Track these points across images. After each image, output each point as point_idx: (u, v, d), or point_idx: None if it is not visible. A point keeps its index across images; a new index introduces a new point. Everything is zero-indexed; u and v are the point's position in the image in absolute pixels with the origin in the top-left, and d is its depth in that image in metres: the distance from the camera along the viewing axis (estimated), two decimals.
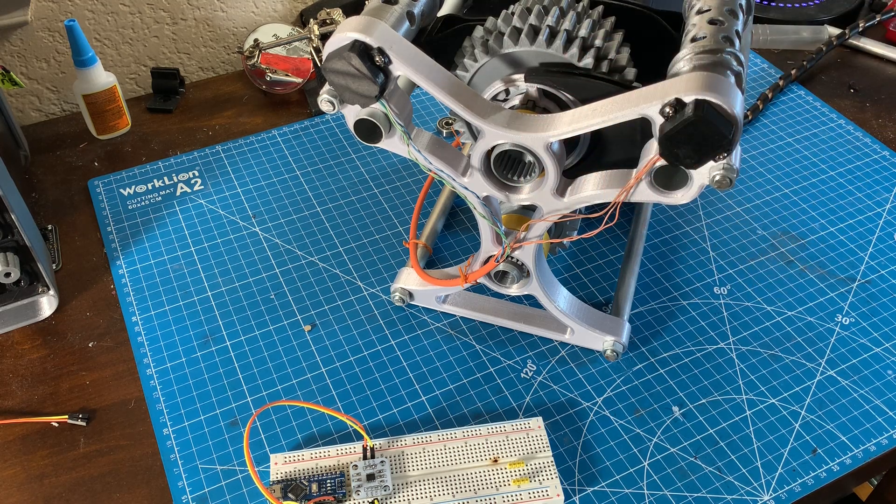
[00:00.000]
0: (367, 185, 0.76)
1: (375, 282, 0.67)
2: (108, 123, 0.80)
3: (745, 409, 0.58)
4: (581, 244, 0.70)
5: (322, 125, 0.83)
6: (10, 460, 0.56)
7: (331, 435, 0.57)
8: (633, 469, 0.55)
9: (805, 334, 0.63)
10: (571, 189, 0.50)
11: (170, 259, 0.69)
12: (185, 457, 0.55)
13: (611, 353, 0.60)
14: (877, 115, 0.84)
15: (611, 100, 0.45)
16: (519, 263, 0.57)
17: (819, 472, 0.55)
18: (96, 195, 0.75)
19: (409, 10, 0.49)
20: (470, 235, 0.71)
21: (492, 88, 0.57)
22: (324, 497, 0.51)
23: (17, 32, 0.83)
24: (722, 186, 0.43)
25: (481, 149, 0.49)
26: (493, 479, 0.52)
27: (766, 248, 0.70)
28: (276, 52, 0.86)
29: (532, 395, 0.59)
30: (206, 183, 0.76)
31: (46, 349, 0.63)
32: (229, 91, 0.89)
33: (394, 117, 0.48)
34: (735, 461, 0.55)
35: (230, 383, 0.60)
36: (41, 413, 0.58)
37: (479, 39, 0.56)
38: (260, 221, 0.73)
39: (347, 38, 0.45)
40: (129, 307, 0.65)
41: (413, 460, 0.53)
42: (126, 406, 0.59)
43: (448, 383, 0.60)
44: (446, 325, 0.64)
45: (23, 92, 0.87)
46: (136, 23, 0.87)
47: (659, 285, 0.67)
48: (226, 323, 0.64)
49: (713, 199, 0.75)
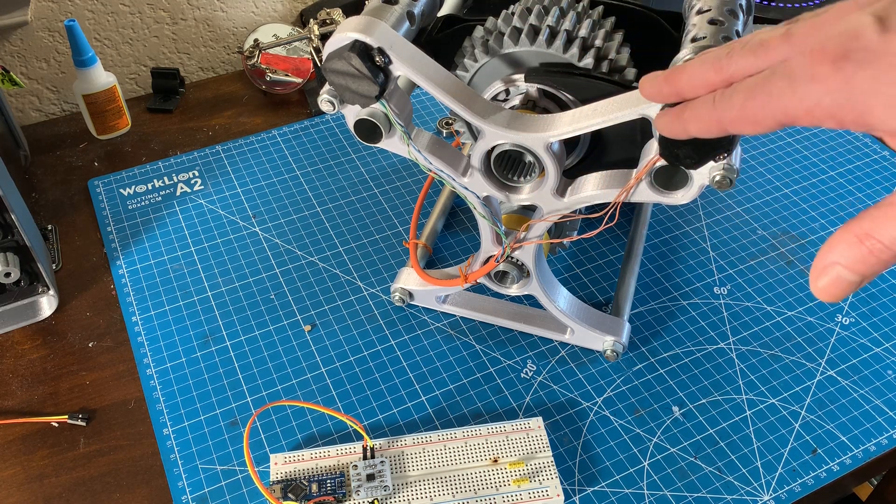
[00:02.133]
0: (367, 185, 0.76)
1: (375, 282, 0.67)
2: (108, 123, 0.80)
3: (745, 409, 0.58)
4: (581, 244, 0.70)
5: (322, 125, 0.83)
6: (10, 460, 0.56)
7: (331, 435, 0.57)
8: (633, 469, 0.55)
9: (805, 334, 0.63)
10: (571, 189, 0.50)
11: (170, 259, 0.69)
12: (185, 457, 0.55)
13: (611, 353, 0.60)
14: None
15: (611, 100, 0.45)
16: (519, 263, 0.57)
17: (819, 472, 0.55)
18: (96, 195, 0.75)
19: (409, 10, 0.49)
20: (470, 235, 0.71)
21: (492, 88, 0.57)
22: (324, 497, 0.51)
23: (17, 32, 0.83)
24: (722, 186, 0.43)
25: (481, 149, 0.49)
26: (493, 479, 0.52)
27: (766, 248, 0.70)
28: (276, 52, 0.86)
29: (532, 395, 0.59)
30: (206, 183, 0.76)
31: (46, 349, 0.63)
32: (229, 91, 0.89)
33: (394, 117, 0.48)
34: (735, 461, 0.55)
35: (230, 383, 0.60)
36: (41, 413, 0.58)
37: (479, 39, 0.56)
38: (260, 221, 0.73)
39: (347, 38, 0.45)
40: (129, 307, 0.65)
41: (413, 460, 0.53)
42: (126, 406, 0.59)
43: (448, 383, 0.60)
44: (446, 325, 0.64)
45: (23, 92, 0.87)
46: (136, 23, 0.87)
47: (659, 285, 0.67)
48: (226, 323, 0.64)
49: (713, 199, 0.75)
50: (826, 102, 0.29)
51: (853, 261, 0.29)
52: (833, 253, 0.29)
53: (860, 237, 0.29)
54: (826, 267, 0.30)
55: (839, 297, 0.31)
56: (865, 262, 0.29)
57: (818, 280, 0.30)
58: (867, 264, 0.29)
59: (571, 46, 0.52)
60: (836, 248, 0.29)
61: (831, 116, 0.29)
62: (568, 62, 0.53)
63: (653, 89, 0.38)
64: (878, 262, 0.29)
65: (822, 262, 0.30)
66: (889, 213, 0.28)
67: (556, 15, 0.54)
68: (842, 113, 0.28)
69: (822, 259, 0.30)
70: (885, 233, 0.28)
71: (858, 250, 0.29)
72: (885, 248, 0.28)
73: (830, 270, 0.30)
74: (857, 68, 0.28)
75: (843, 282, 0.30)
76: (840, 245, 0.29)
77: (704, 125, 0.35)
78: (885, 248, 0.28)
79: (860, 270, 0.29)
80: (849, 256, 0.29)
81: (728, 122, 0.33)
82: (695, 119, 0.35)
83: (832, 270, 0.30)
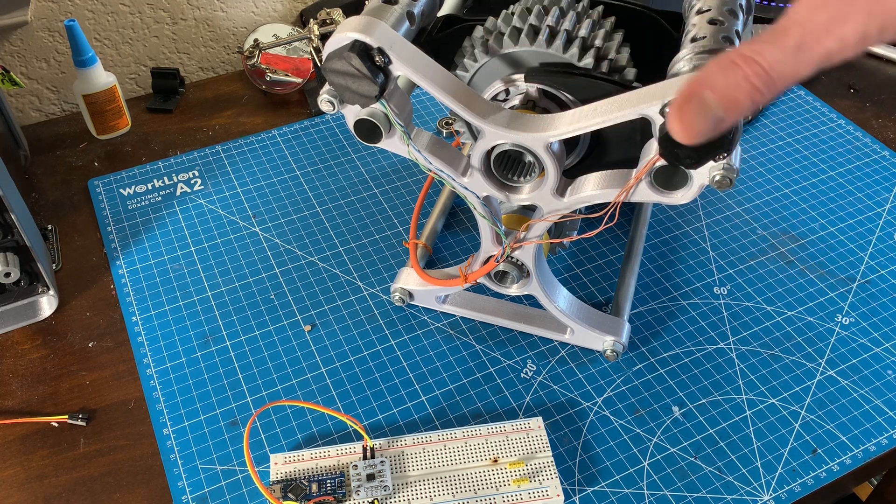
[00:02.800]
0: (367, 185, 0.76)
1: (375, 282, 0.67)
2: (108, 123, 0.80)
3: (745, 409, 0.58)
4: (581, 244, 0.70)
5: (322, 125, 0.83)
6: (10, 460, 0.56)
7: (331, 435, 0.57)
8: (633, 469, 0.55)
9: (805, 334, 0.63)
10: (571, 189, 0.50)
11: (170, 259, 0.69)
12: (185, 457, 0.55)
13: (611, 353, 0.60)
14: (877, 115, 0.84)
15: (611, 100, 0.45)
16: (519, 263, 0.57)
17: (819, 472, 0.55)
18: (96, 195, 0.75)
19: (409, 10, 0.49)
20: (470, 235, 0.71)
21: (492, 88, 0.57)
22: (324, 497, 0.51)
23: (17, 32, 0.83)
24: (722, 186, 0.43)
25: (481, 149, 0.49)
26: (493, 479, 0.52)
27: (766, 248, 0.70)
28: (276, 52, 0.86)
29: (532, 395, 0.59)
30: (206, 183, 0.76)
31: (46, 349, 0.63)
32: (229, 91, 0.89)
33: (394, 117, 0.48)
34: (735, 461, 0.55)
35: (230, 383, 0.60)
36: (41, 413, 0.58)
37: (479, 39, 0.56)
38: (260, 221, 0.73)
39: (347, 38, 0.45)
40: (129, 307, 0.65)
41: (413, 460, 0.53)
42: (126, 406, 0.59)
43: (448, 383, 0.60)
44: (446, 325, 0.64)
45: (23, 92, 0.87)
46: (136, 23, 0.87)
47: (659, 285, 0.67)
48: (226, 323, 0.64)
49: (713, 199, 0.75)
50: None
51: (724, 86, 0.26)
52: (705, 78, 0.26)
53: (737, 61, 0.26)
54: (692, 92, 0.26)
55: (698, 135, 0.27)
56: (739, 88, 0.26)
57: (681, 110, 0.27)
58: (740, 91, 0.26)
59: (571, 46, 0.52)
60: (708, 71, 0.26)
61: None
62: (568, 62, 0.53)
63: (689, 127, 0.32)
64: (750, 91, 0.25)
65: (689, 90, 0.27)
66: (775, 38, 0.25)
67: (556, 15, 0.54)
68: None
69: (690, 86, 0.26)
70: (768, 54, 0.25)
71: (733, 74, 0.26)
72: (763, 72, 0.25)
73: (696, 99, 0.26)
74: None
75: (706, 114, 0.26)
76: (713, 68, 0.26)
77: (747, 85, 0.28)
78: (762, 71, 0.25)
79: (730, 100, 0.26)
80: (721, 82, 0.26)
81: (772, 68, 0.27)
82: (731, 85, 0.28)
83: (698, 99, 0.26)
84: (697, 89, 0.27)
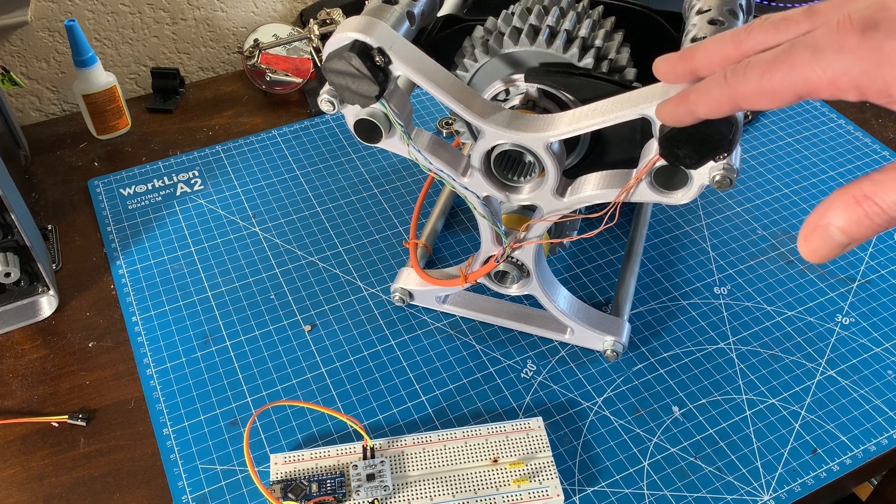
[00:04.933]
0: (367, 185, 0.76)
1: (375, 282, 0.67)
2: (108, 123, 0.80)
3: (745, 409, 0.58)
4: (581, 244, 0.70)
5: (322, 125, 0.83)
6: (10, 460, 0.56)
7: (331, 435, 0.57)
8: (633, 469, 0.55)
9: (805, 334, 0.63)
10: (571, 189, 0.50)
11: (170, 259, 0.69)
12: (185, 457, 0.55)
13: (611, 353, 0.60)
14: (877, 115, 0.84)
15: (611, 100, 0.45)
16: (519, 263, 0.57)
17: (819, 472, 0.55)
18: (96, 195, 0.75)
19: (409, 10, 0.49)
20: (470, 235, 0.71)
21: (492, 88, 0.57)
22: (324, 497, 0.51)
23: (17, 32, 0.83)
24: (722, 186, 0.43)
25: (481, 149, 0.49)
26: (493, 479, 0.52)
27: (766, 248, 0.70)
28: (276, 52, 0.86)
29: (532, 395, 0.59)
30: (206, 183, 0.76)
31: (46, 349, 0.63)
32: (229, 91, 0.89)
33: (394, 117, 0.48)
34: (735, 461, 0.55)
35: (230, 383, 0.60)
36: (41, 413, 0.58)
37: (479, 39, 0.56)
38: (260, 221, 0.73)
39: (347, 38, 0.45)
40: (129, 307, 0.65)
41: (413, 460, 0.53)
42: (126, 406, 0.59)
43: (448, 383, 0.60)
44: (446, 325, 0.64)
45: (23, 92, 0.87)
46: (136, 23, 0.87)
47: (659, 285, 0.67)
48: (226, 323, 0.64)
49: (713, 199, 0.75)
50: (853, 72, 0.28)
51: (847, 222, 0.29)
52: (829, 213, 0.29)
53: (858, 199, 0.29)
54: (819, 226, 0.30)
55: (825, 258, 0.30)
56: (860, 224, 0.29)
57: (808, 239, 0.30)
58: (861, 226, 0.29)
59: (571, 46, 0.52)
60: (832, 207, 0.29)
61: (856, 87, 0.29)
62: (568, 62, 0.53)
63: (667, 67, 0.38)
64: (871, 226, 0.29)
65: (816, 221, 0.30)
66: (892, 177, 0.28)
67: (556, 15, 0.54)
68: (868, 82, 0.28)
69: (816, 218, 0.30)
70: (885, 197, 0.28)
71: (854, 212, 0.29)
72: (881, 212, 0.28)
73: (823, 230, 0.30)
74: (887, 38, 0.28)
75: (832, 242, 0.30)
76: (836, 205, 0.29)
77: (715, 103, 0.34)
78: (881, 211, 0.28)
79: (852, 232, 0.29)
80: (844, 217, 0.29)
81: (742, 97, 0.32)
82: (704, 98, 0.34)
83: (824, 230, 0.30)
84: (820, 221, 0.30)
